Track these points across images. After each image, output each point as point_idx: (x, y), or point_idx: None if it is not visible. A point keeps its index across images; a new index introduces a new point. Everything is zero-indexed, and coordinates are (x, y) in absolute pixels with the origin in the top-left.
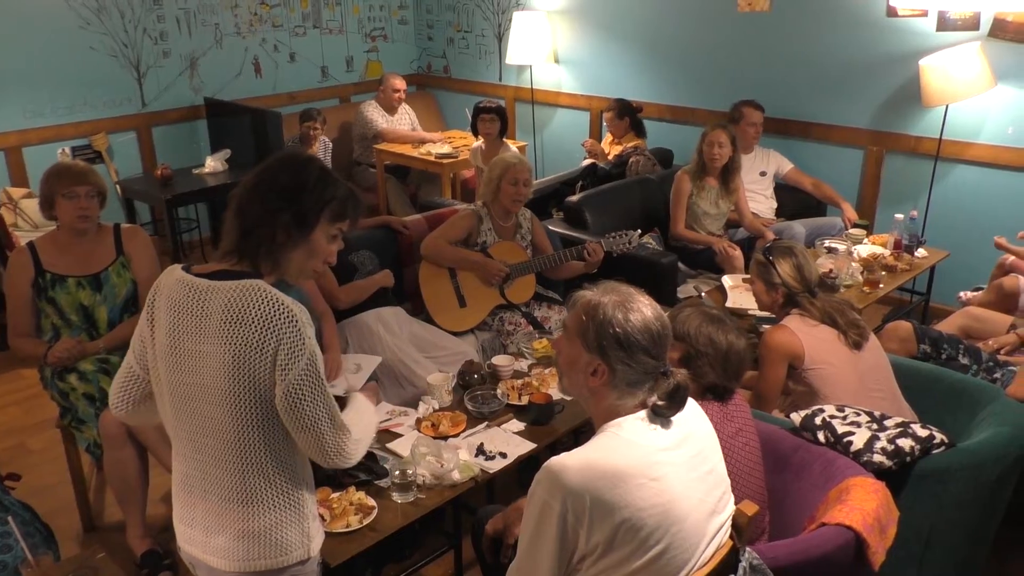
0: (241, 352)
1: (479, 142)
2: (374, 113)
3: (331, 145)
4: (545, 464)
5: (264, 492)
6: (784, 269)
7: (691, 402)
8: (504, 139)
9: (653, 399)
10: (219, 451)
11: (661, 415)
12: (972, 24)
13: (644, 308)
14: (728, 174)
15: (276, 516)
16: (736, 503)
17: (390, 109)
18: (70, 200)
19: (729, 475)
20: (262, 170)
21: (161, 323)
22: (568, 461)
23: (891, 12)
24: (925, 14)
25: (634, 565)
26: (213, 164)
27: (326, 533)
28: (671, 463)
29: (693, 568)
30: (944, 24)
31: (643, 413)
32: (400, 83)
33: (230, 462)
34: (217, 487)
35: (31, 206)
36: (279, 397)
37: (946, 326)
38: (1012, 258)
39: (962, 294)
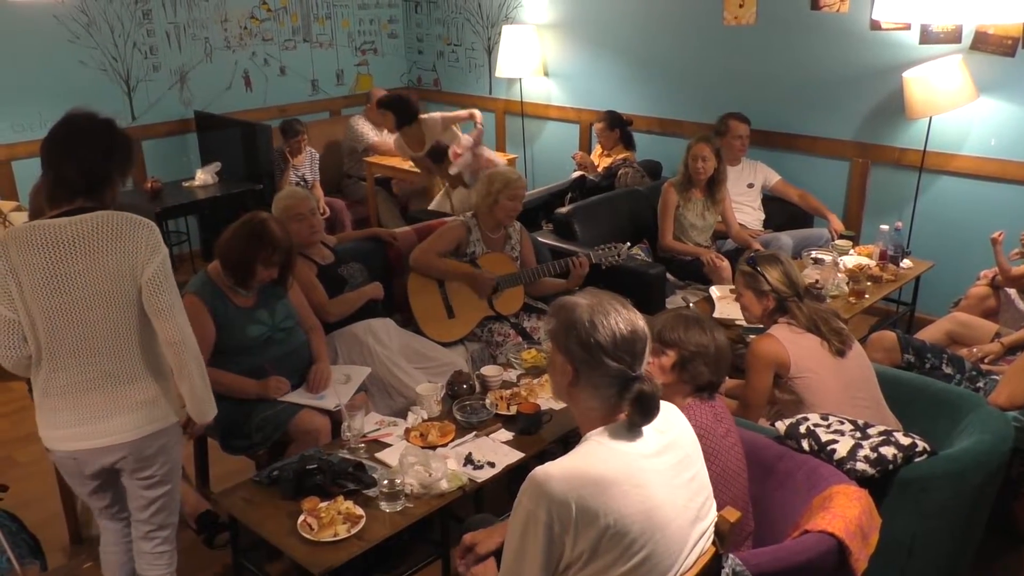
0: (120, 258)
1: (395, 135)
2: (365, 127)
3: (318, 156)
4: (530, 474)
5: (147, 370)
6: (773, 276)
7: (675, 409)
8: (420, 119)
9: (625, 406)
10: (110, 345)
11: (635, 424)
12: (954, 37)
13: (615, 314)
14: (713, 186)
15: (157, 387)
16: (722, 505)
17: (378, 124)
18: None
19: (718, 476)
20: (94, 137)
21: (30, 264)
22: (552, 470)
23: (874, 25)
24: (908, 27)
25: (618, 572)
26: (203, 177)
27: (314, 542)
28: (654, 470)
29: (676, 575)
30: (927, 37)
31: (626, 421)
32: None
33: (121, 350)
34: (107, 378)
35: (21, 219)
36: (143, 287)
37: (933, 331)
38: (994, 272)
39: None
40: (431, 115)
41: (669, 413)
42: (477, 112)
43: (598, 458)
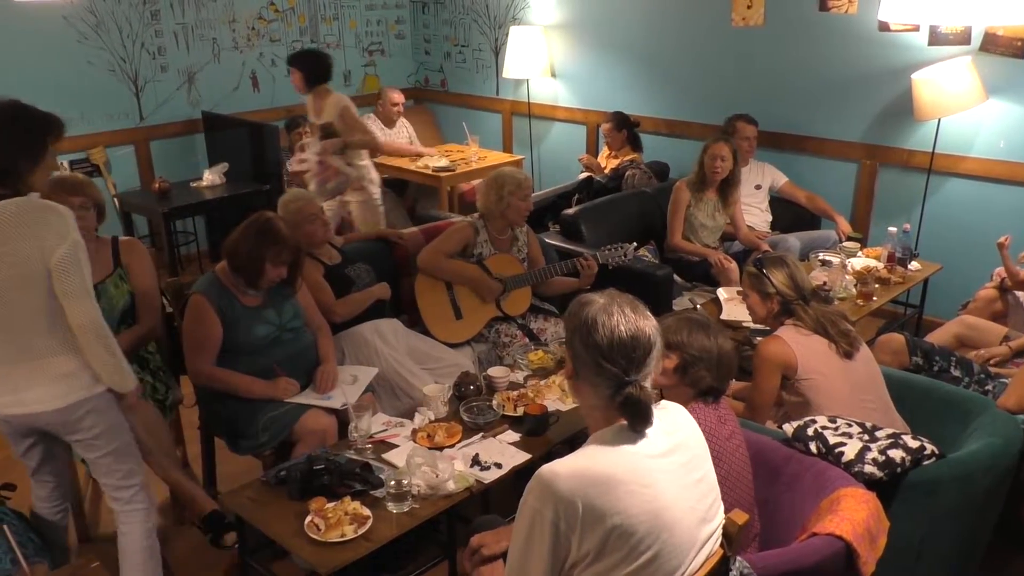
0: (30, 243)
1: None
2: (371, 126)
3: None
4: (536, 472)
5: (65, 345)
6: (778, 278)
7: (683, 410)
8: (326, 85)
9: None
10: (30, 323)
11: (631, 428)
12: (963, 39)
13: (619, 316)
14: (727, 187)
15: (77, 361)
16: (728, 507)
17: (388, 122)
18: None
19: (723, 478)
20: None
21: None
22: (559, 469)
23: (883, 27)
24: (917, 29)
25: (624, 571)
26: (211, 177)
27: (321, 543)
28: (661, 470)
29: (683, 574)
30: (936, 39)
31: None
32: (398, 96)
33: (39, 327)
34: (28, 352)
35: None
36: (52, 271)
37: (941, 334)
38: (1000, 271)
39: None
40: (342, 99)
41: (678, 414)
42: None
43: (605, 457)
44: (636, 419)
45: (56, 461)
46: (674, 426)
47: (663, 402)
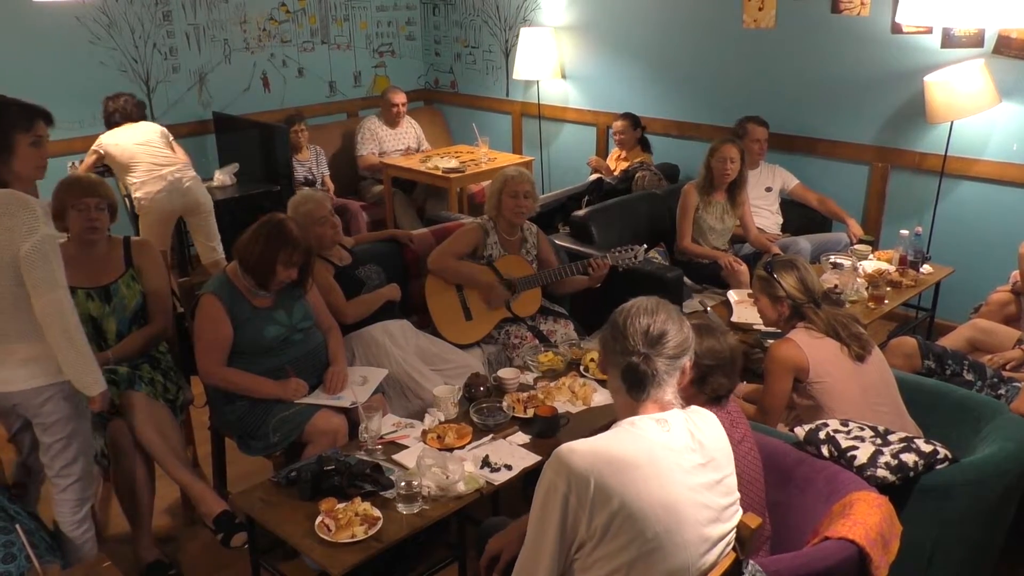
0: (2, 232)
1: None
2: (366, 133)
3: (322, 152)
4: (556, 448)
5: (32, 331)
6: (788, 282)
7: (712, 416)
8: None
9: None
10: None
11: (630, 396)
12: (976, 41)
13: (642, 306)
14: (735, 189)
15: (42, 347)
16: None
17: (392, 123)
18: (80, 212)
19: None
20: None
21: None
22: (577, 446)
23: (896, 29)
24: (930, 31)
25: (627, 557)
26: (221, 178)
27: (332, 543)
28: (678, 465)
29: (690, 572)
30: (949, 41)
31: (659, 415)
32: (398, 97)
33: (6, 311)
34: None
35: None
36: (21, 263)
37: (954, 338)
38: (1016, 274)
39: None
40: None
41: (705, 419)
42: None
43: (624, 441)
44: (633, 387)
45: None
46: (701, 429)
47: (693, 407)
